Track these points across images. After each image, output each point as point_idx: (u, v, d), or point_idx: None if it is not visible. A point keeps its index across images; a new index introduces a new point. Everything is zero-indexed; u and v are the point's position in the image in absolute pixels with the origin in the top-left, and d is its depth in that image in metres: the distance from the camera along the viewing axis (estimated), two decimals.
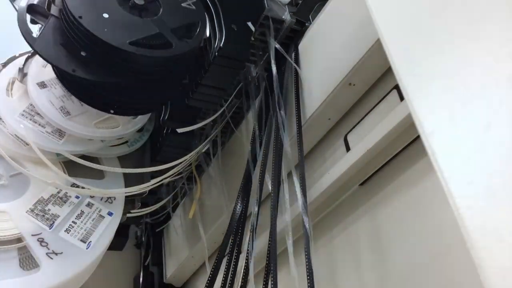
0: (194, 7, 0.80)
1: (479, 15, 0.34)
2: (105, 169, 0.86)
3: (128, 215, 0.94)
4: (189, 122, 0.89)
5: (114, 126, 0.88)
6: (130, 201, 0.95)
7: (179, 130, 0.85)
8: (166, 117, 0.91)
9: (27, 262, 0.74)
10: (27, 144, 0.80)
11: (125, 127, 0.89)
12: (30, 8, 0.76)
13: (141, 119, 0.93)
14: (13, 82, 0.86)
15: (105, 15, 0.73)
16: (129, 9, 0.75)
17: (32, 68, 0.86)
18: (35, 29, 0.76)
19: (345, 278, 0.66)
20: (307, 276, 0.57)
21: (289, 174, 0.68)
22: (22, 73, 0.85)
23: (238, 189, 0.86)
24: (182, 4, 0.80)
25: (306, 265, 0.57)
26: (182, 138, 0.92)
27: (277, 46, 0.73)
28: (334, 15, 0.67)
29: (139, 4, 0.76)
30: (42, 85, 0.84)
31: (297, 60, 0.74)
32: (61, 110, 0.83)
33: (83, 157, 0.83)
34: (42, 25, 0.75)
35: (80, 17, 0.70)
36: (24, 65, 0.86)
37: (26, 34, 0.73)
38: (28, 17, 0.76)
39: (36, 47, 0.72)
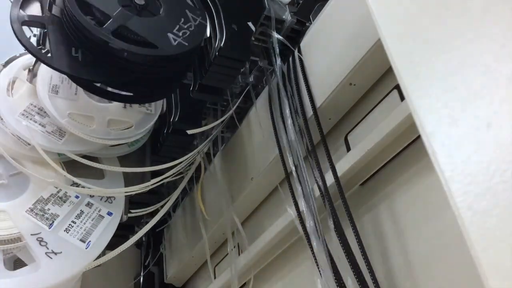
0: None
1: (480, 15, 0.34)
2: (106, 168, 0.86)
3: (129, 215, 0.94)
4: (196, 123, 0.89)
5: (126, 127, 0.88)
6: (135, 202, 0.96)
7: (189, 132, 0.85)
8: (177, 119, 0.91)
9: (26, 261, 0.75)
10: (28, 144, 0.80)
11: (137, 128, 0.89)
12: (25, 23, 0.75)
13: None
14: (13, 82, 0.86)
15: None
16: (128, 8, 0.75)
17: (42, 69, 0.86)
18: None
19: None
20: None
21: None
22: (32, 74, 0.85)
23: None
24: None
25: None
26: (183, 137, 0.92)
27: (281, 38, 0.73)
28: (335, 15, 0.67)
29: (138, 3, 0.76)
30: (54, 89, 0.84)
31: (299, 59, 0.74)
32: None
33: (83, 157, 0.83)
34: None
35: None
36: (34, 66, 0.86)
37: (39, 54, 0.73)
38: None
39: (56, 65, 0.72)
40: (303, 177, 0.66)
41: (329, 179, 0.63)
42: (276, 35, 0.73)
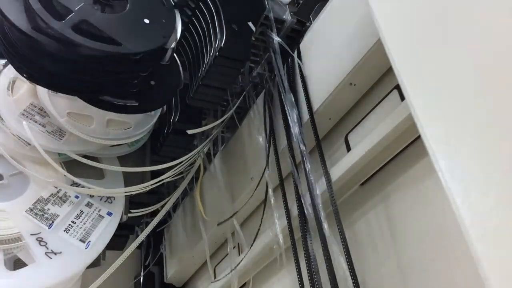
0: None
1: (480, 16, 0.34)
2: (106, 168, 0.86)
3: (129, 215, 0.94)
4: (196, 123, 0.89)
5: (125, 128, 0.88)
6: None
7: (190, 132, 0.85)
8: (177, 119, 0.91)
9: (26, 261, 0.74)
10: (28, 144, 0.80)
11: (137, 128, 0.89)
12: None
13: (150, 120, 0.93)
14: (13, 82, 0.86)
15: None
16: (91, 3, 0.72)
17: None
18: None
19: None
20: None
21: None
22: None
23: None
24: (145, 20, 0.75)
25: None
26: (183, 137, 0.92)
27: (280, 40, 0.73)
28: (335, 15, 0.67)
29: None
30: None
31: (299, 60, 0.74)
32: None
33: (83, 157, 0.83)
34: None
35: None
36: None
37: None
38: None
39: None
40: (299, 181, 0.66)
41: (323, 185, 0.64)
42: (276, 38, 0.73)
